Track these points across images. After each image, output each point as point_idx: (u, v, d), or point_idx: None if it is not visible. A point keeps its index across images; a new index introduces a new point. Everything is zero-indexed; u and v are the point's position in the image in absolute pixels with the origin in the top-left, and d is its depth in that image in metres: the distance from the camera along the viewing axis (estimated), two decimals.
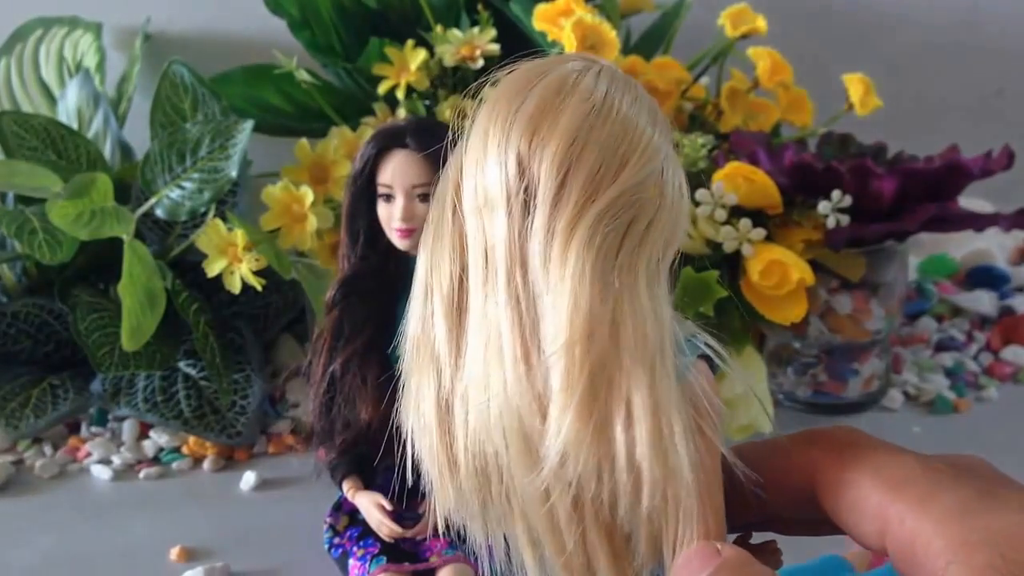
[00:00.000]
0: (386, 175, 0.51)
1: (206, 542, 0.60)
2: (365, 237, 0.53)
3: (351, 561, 0.52)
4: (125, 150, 0.84)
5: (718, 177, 0.65)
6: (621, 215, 0.26)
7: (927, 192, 0.67)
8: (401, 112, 0.72)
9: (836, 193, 0.65)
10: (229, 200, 0.75)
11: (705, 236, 0.65)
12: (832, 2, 1.03)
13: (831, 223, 0.65)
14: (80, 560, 0.59)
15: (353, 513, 0.55)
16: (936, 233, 0.71)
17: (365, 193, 0.53)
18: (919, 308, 0.88)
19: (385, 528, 0.51)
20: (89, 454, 0.70)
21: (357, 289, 0.53)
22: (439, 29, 0.74)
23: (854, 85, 0.75)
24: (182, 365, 0.73)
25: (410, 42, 0.73)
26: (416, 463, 0.29)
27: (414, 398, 0.28)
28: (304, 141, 0.69)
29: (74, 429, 0.74)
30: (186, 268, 0.73)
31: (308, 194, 0.65)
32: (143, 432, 0.72)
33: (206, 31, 0.95)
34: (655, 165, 0.27)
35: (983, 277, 0.94)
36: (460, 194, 0.28)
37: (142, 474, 0.68)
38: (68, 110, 0.84)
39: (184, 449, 0.70)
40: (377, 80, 0.73)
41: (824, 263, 0.68)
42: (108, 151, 0.81)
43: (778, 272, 0.63)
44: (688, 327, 0.28)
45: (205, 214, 0.71)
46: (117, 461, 0.69)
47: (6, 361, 0.74)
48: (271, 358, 0.79)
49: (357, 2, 0.82)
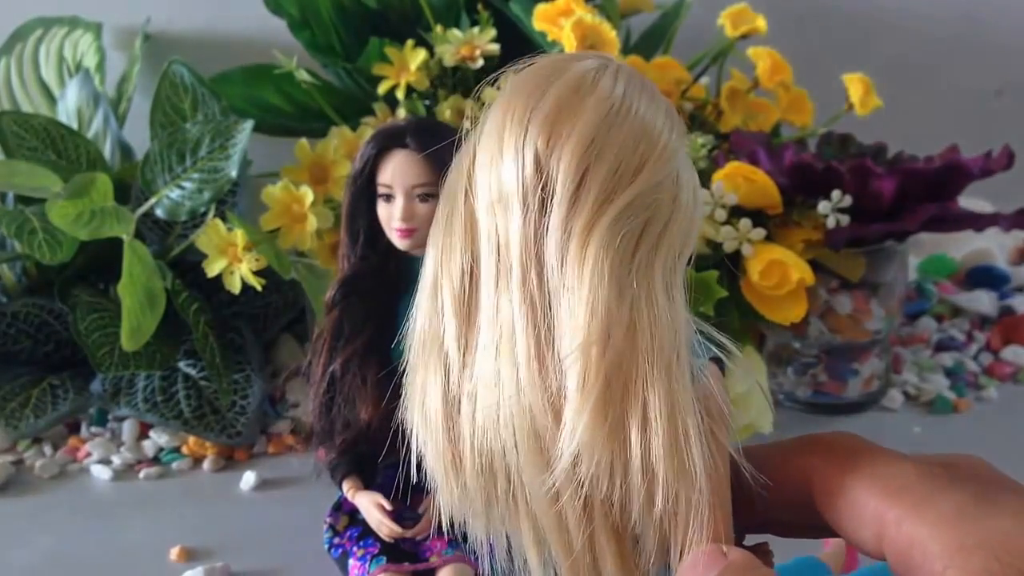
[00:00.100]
0: (386, 175, 0.51)
1: (206, 542, 0.60)
2: (365, 237, 0.53)
3: (351, 561, 0.52)
4: (125, 150, 0.84)
5: (718, 177, 0.65)
6: (638, 216, 0.26)
7: (927, 192, 0.67)
8: (401, 112, 0.72)
9: (836, 193, 0.65)
10: (229, 200, 0.75)
11: (705, 236, 0.65)
12: (832, 2, 1.03)
13: (831, 223, 0.65)
14: (80, 560, 0.59)
15: (353, 513, 0.55)
16: (936, 233, 0.71)
17: (365, 193, 0.52)
18: (919, 308, 0.88)
19: (385, 528, 0.51)
20: (89, 454, 0.70)
21: (357, 289, 0.53)
22: (439, 29, 0.74)
23: (854, 85, 0.75)
24: (182, 365, 0.73)
25: (410, 42, 0.73)
26: (418, 461, 0.28)
27: (419, 394, 0.28)
28: (304, 141, 0.69)
29: (74, 429, 0.74)
30: (186, 268, 0.73)
31: (308, 194, 0.65)
32: (143, 432, 0.72)
33: (206, 31, 0.95)
34: (672, 166, 0.27)
35: (983, 277, 0.94)
36: (472, 190, 0.28)
37: (142, 474, 0.68)
38: (68, 110, 0.84)
39: (184, 449, 0.70)
40: (377, 80, 0.73)
41: (824, 263, 0.68)
42: (108, 151, 0.81)
43: (778, 272, 0.63)
44: (699, 327, 0.28)
45: (205, 214, 0.71)
46: (117, 461, 0.69)
47: (6, 361, 0.74)
48: (271, 358, 0.79)
49: (357, 2, 0.82)
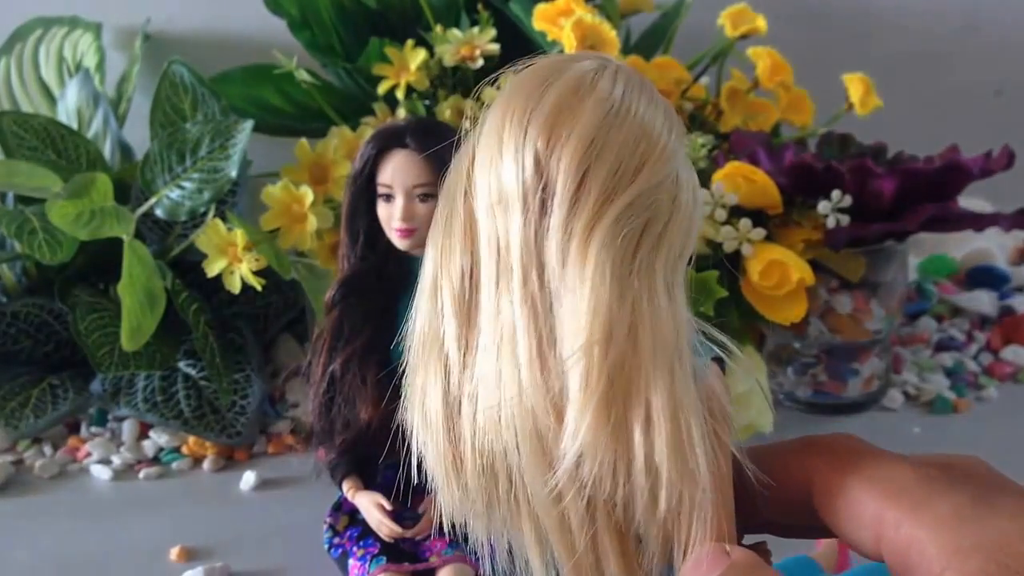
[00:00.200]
0: (386, 175, 0.51)
1: (206, 542, 0.60)
2: (365, 237, 0.53)
3: (351, 561, 0.52)
4: (125, 150, 0.84)
5: (718, 177, 0.65)
6: (638, 216, 0.26)
7: (927, 192, 0.67)
8: (401, 112, 0.72)
9: (836, 193, 0.65)
10: (229, 200, 0.75)
11: (705, 236, 0.65)
12: (832, 2, 1.03)
13: (831, 223, 0.65)
14: (80, 560, 0.59)
15: (353, 513, 0.55)
16: (936, 233, 0.71)
17: (365, 193, 0.52)
18: (919, 308, 0.88)
19: (385, 528, 0.51)
20: (89, 454, 0.70)
21: (357, 289, 0.53)
22: (439, 29, 0.74)
23: (854, 85, 0.75)
24: (182, 365, 0.73)
25: (410, 42, 0.73)
26: (418, 462, 0.28)
27: (419, 395, 0.28)
28: (304, 141, 0.69)
29: (74, 429, 0.74)
30: (186, 268, 0.73)
31: (308, 194, 0.65)
32: (143, 432, 0.72)
33: (206, 31, 0.95)
34: (672, 167, 0.27)
35: (983, 277, 0.94)
36: (471, 191, 0.28)
37: (142, 474, 0.68)
38: (68, 110, 0.84)
39: (184, 449, 0.70)
40: (377, 80, 0.73)
41: (824, 263, 0.68)
42: (108, 151, 0.81)
43: (778, 272, 0.63)
44: (700, 326, 0.28)
45: (205, 214, 0.71)
46: (117, 461, 0.69)
47: (6, 361, 0.74)
48: (271, 358, 0.79)
49: (357, 2, 0.82)
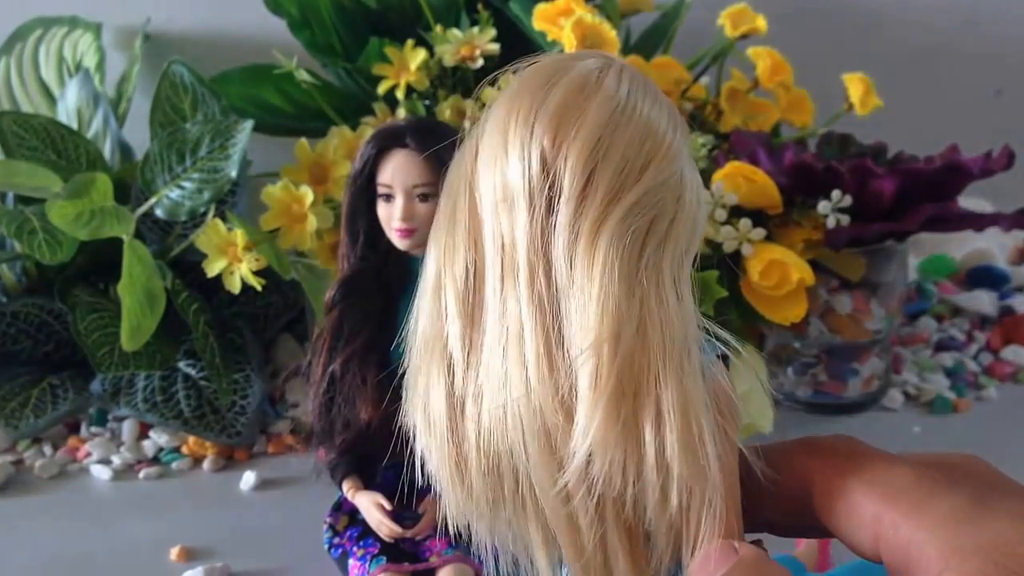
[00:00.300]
0: (386, 175, 0.51)
1: (206, 542, 0.60)
2: (365, 237, 0.53)
3: (351, 561, 0.52)
4: (125, 150, 0.84)
5: (718, 177, 0.65)
6: (644, 215, 0.26)
7: (927, 192, 0.67)
8: (401, 112, 0.72)
9: (836, 193, 0.65)
10: (229, 200, 0.75)
11: (705, 236, 0.65)
12: (832, 2, 1.03)
13: (831, 223, 0.65)
14: (80, 560, 0.59)
15: (353, 513, 0.55)
16: (936, 233, 0.71)
17: (365, 193, 0.52)
18: (919, 308, 0.88)
19: (385, 528, 0.51)
20: (89, 454, 0.70)
21: (357, 289, 0.53)
22: (439, 29, 0.74)
23: (854, 85, 0.75)
24: (182, 365, 0.73)
25: (410, 42, 0.73)
26: (420, 462, 0.28)
27: (421, 396, 0.28)
28: (304, 141, 0.69)
29: (74, 429, 0.74)
30: (186, 268, 0.73)
31: (308, 194, 0.65)
32: (143, 432, 0.72)
33: (206, 31, 0.95)
34: (677, 165, 0.27)
35: (983, 277, 0.94)
36: (475, 189, 0.27)
37: (142, 474, 0.68)
38: (68, 110, 0.84)
39: (184, 449, 0.70)
40: (377, 80, 0.73)
41: (824, 263, 0.68)
42: (108, 151, 0.81)
43: (778, 272, 0.63)
44: (705, 324, 0.27)
45: (205, 214, 0.71)
46: (117, 461, 0.69)
47: (6, 361, 0.74)
48: (271, 358, 0.79)
49: (357, 2, 0.82)
